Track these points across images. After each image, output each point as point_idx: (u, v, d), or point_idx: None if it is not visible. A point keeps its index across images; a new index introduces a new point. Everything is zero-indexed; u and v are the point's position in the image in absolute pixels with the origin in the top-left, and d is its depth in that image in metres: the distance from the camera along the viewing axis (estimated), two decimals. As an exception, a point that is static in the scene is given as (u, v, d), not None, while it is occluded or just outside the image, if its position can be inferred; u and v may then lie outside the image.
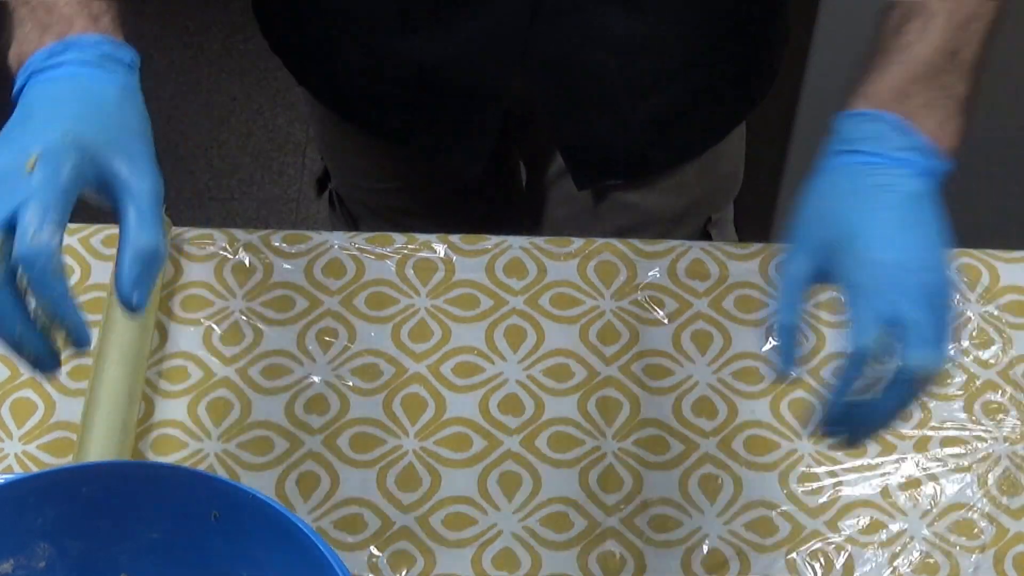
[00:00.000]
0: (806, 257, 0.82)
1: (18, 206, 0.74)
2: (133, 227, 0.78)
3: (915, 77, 0.84)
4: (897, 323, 0.77)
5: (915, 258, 0.80)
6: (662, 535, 0.96)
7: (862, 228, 0.81)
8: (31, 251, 0.73)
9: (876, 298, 0.78)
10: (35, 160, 0.75)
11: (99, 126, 0.78)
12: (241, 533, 0.82)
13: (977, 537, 0.96)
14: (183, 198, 2.41)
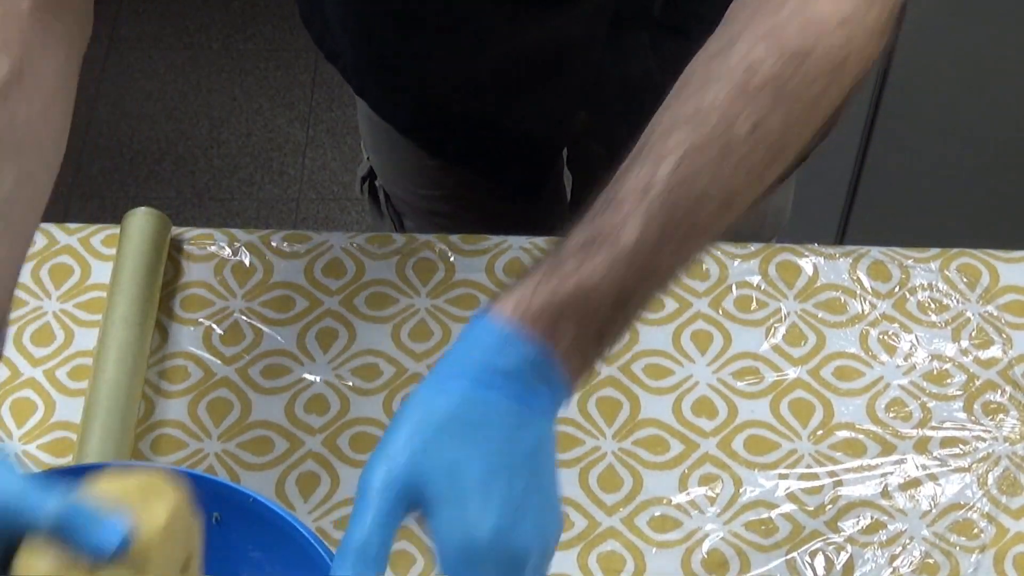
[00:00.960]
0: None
1: None
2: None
3: (567, 304, 0.70)
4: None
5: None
6: (662, 535, 0.96)
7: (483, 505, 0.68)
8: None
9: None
10: None
11: None
12: (241, 535, 0.82)
13: (977, 537, 0.96)
14: (183, 198, 2.41)
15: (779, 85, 0.74)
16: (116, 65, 2.62)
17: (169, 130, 2.52)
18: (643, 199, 0.71)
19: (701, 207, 0.73)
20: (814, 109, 0.76)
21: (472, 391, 0.69)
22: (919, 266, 1.10)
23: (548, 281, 0.70)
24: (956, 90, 1.78)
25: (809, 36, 0.76)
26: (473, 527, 0.68)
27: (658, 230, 0.71)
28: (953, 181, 1.88)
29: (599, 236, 0.71)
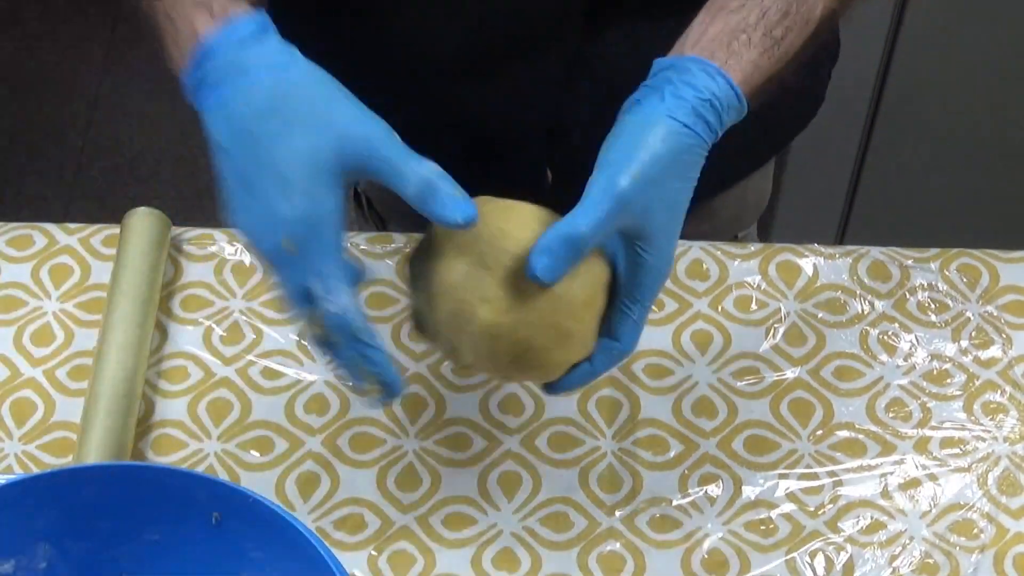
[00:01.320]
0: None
1: (303, 281, 0.78)
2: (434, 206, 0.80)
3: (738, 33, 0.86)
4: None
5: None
6: (662, 535, 0.96)
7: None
8: (334, 321, 0.79)
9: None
10: (289, 243, 0.78)
11: (328, 135, 0.78)
12: (241, 535, 0.83)
13: (977, 537, 0.96)
14: (183, 198, 2.41)
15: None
16: (116, 65, 2.62)
17: (169, 130, 2.52)
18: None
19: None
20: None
21: (699, 138, 0.82)
22: (919, 266, 1.10)
23: (767, 53, 0.85)
24: (956, 90, 1.78)
25: None
26: (671, 257, 0.84)
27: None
28: (953, 181, 1.88)
29: (797, 3, 0.87)
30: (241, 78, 0.79)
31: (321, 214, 0.78)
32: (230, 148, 0.79)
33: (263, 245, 0.79)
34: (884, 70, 1.76)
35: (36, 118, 2.53)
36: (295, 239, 0.78)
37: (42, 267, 1.10)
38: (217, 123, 0.80)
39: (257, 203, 0.79)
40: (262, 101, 0.78)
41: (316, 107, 0.79)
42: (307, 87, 0.79)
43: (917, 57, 1.74)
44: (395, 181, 0.79)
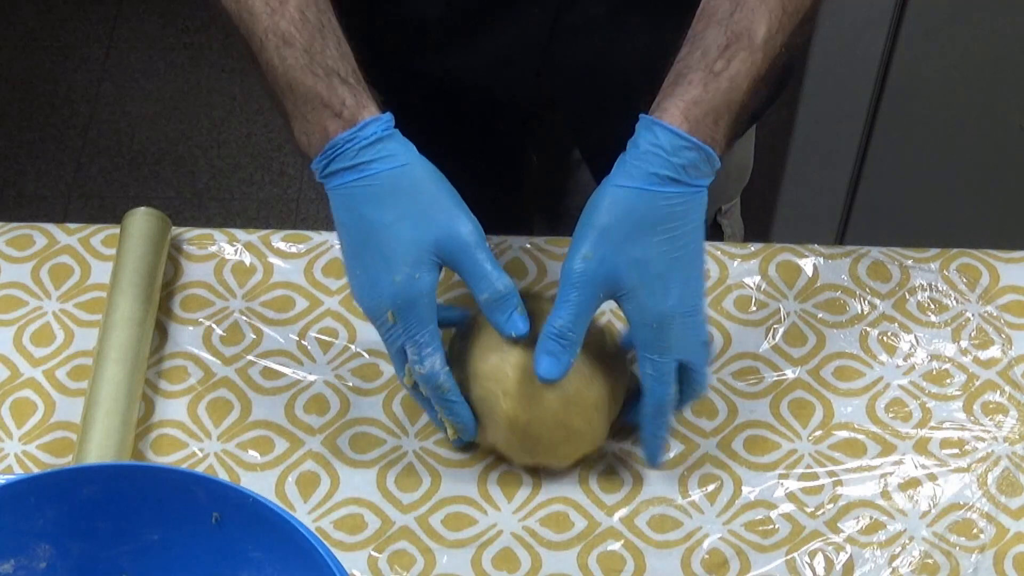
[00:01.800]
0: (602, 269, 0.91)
1: (401, 345, 0.93)
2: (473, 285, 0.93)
3: (728, 104, 0.90)
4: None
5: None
6: (662, 535, 0.96)
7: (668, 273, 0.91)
8: (421, 379, 0.94)
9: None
10: (392, 315, 0.92)
11: (421, 225, 0.91)
12: (241, 535, 0.83)
13: (977, 537, 0.96)
14: (183, 198, 2.41)
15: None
16: (116, 65, 2.62)
17: (169, 130, 2.52)
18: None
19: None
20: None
21: (651, 192, 0.89)
22: (919, 266, 1.10)
23: (707, 85, 0.89)
24: (956, 90, 1.78)
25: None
26: (661, 304, 0.90)
27: (776, 22, 0.90)
28: (953, 181, 1.88)
29: (737, 35, 0.90)
30: (365, 169, 0.91)
31: (417, 292, 0.91)
32: (349, 227, 0.92)
33: (371, 313, 0.93)
34: (884, 70, 1.76)
35: (36, 118, 2.53)
36: (396, 311, 0.91)
37: (42, 267, 1.10)
38: (339, 204, 0.92)
39: (367, 277, 0.92)
40: (380, 192, 0.91)
41: (423, 202, 0.91)
42: (419, 183, 0.92)
43: (917, 57, 1.74)
44: (475, 283, 0.92)
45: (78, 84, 2.58)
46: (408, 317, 0.92)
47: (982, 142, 1.83)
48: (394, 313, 0.92)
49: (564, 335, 0.91)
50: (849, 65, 1.74)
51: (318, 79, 0.91)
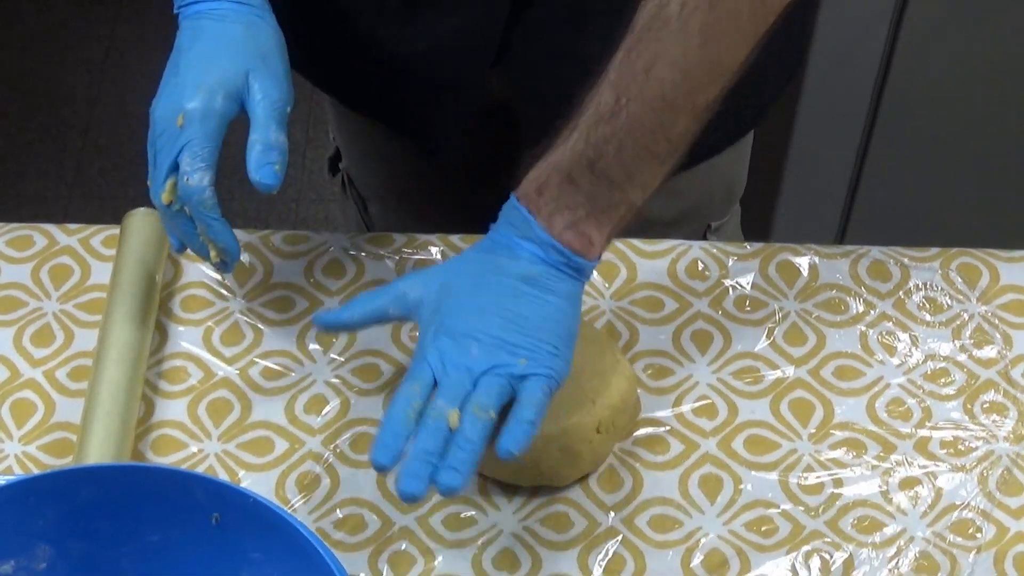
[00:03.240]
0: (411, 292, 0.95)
1: (177, 154, 0.95)
2: (260, 126, 0.98)
3: (548, 178, 0.92)
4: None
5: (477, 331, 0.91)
6: (662, 535, 0.96)
7: (454, 294, 0.93)
8: (187, 191, 0.95)
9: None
10: (183, 118, 0.95)
11: (237, 62, 0.98)
12: (241, 535, 0.83)
13: (976, 536, 0.96)
14: (183, 198, 2.41)
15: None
16: (115, 66, 2.62)
17: (169, 131, 2.52)
18: (602, 79, 0.91)
19: (652, 71, 0.90)
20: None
21: (469, 254, 0.95)
22: (919, 266, 1.10)
23: (537, 164, 0.93)
24: (956, 90, 1.78)
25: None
26: (447, 317, 0.92)
27: (613, 96, 0.90)
28: (953, 181, 1.88)
29: (573, 116, 0.92)
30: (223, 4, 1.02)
31: (216, 109, 0.96)
32: (185, 45, 1.02)
33: (163, 115, 0.96)
34: (884, 70, 1.76)
35: (36, 118, 2.53)
36: (188, 116, 0.95)
37: (42, 268, 1.10)
38: (187, 26, 1.03)
39: (177, 81, 0.97)
40: (230, 26, 1.01)
41: (260, 47, 1.00)
42: (266, 34, 1.00)
43: (917, 57, 1.73)
44: (257, 125, 0.98)
45: (78, 85, 2.58)
46: (197, 127, 0.95)
47: (982, 142, 1.83)
48: (185, 117, 0.95)
49: (349, 314, 0.97)
50: (849, 65, 1.74)
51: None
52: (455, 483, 0.86)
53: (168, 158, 0.95)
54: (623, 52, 0.91)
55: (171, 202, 0.96)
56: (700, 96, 0.91)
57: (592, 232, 0.92)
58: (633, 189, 0.92)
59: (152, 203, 0.98)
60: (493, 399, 0.88)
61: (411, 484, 0.86)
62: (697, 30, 0.90)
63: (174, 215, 0.96)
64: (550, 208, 0.91)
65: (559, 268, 0.92)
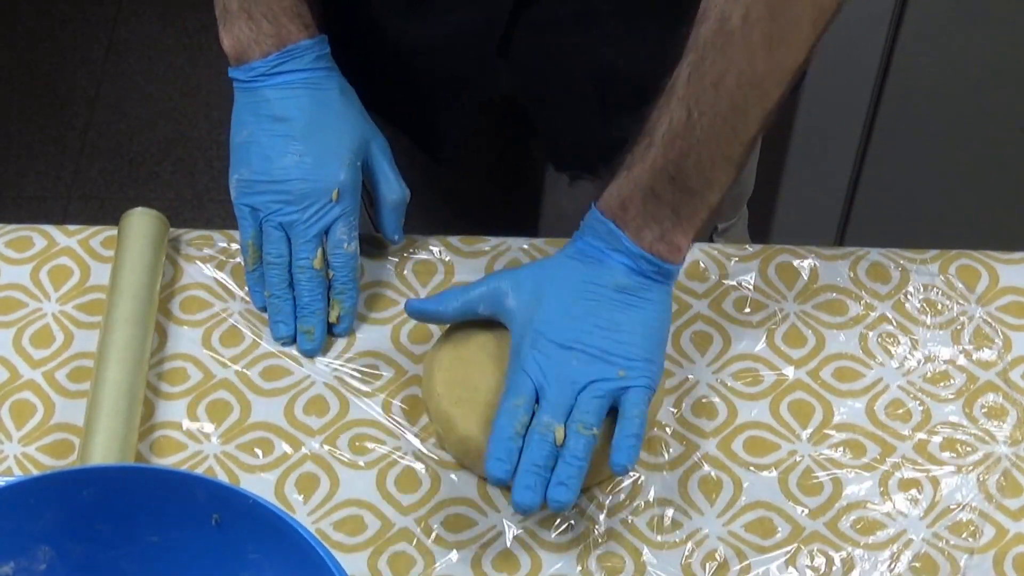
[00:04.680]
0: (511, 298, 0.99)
1: (331, 224, 1.05)
2: (384, 186, 1.09)
3: (632, 194, 0.96)
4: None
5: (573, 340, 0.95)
6: (662, 536, 0.96)
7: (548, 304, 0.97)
8: (344, 257, 1.05)
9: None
10: (337, 193, 1.04)
11: (356, 128, 1.07)
12: (240, 536, 0.83)
13: (976, 538, 0.96)
14: (183, 199, 2.41)
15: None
16: (115, 66, 2.62)
17: (168, 131, 2.52)
18: (669, 96, 0.95)
19: (721, 84, 0.93)
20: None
21: (559, 259, 0.99)
22: (918, 267, 1.10)
23: (617, 178, 0.97)
24: (956, 90, 1.78)
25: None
26: (543, 325, 0.96)
27: (685, 111, 0.94)
28: (953, 182, 1.88)
29: (644, 133, 0.96)
30: (315, 73, 1.07)
31: (357, 177, 1.06)
32: (295, 118, 1.05)
33: (314, 190, 1.04)
34: (884, 70, 1.76)
35: (35, 119, 2.53)
36: (342, 190, 1.04)
37: (41, 269, 1.10)
38: (284, 96, 1.06)
39: (314, 159, 1.04)
40: (327, 93, 1.07)
41: (354, 110, 1.08)
42: (349, 94, 1.09)
43: (917, 57, 1.74)
44: (386, 183, 1.09)
45: (78, 85, 2.58)
46: (349, 199, 1.04)
47: (982, 143, 1.83)
48: (340, 192, 1.04)
49: (444, 301, 1.02)
50: (849, 65, 1.74)
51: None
52: (567, 498, 0.91)
53: (317, 227, 1.04)
54: (689, 68, 0.94)
55: (321, 267, 1.04)
56: (768, 100, 0.95)
57: (680, 240, 0.96)
58: (712, 193, 0.96)
59: (245, 255, 1.07)
60: (595, 417, 0.93)
61: (526, 496, 0.91)
62: (761, 40, 0.93)
63: (313, 284, 1.04)
64: (638, 223, 0.96)
65: (650, 277, 0.97)
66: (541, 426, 0.93)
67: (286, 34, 1.05)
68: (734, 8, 0.92)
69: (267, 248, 1.05)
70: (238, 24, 1.05)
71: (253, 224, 1.06)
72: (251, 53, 1.05)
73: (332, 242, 1.04)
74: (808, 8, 0.93)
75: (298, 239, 1.04)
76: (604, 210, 0.97)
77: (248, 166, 1.06)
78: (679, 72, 0.95)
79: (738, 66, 0.93)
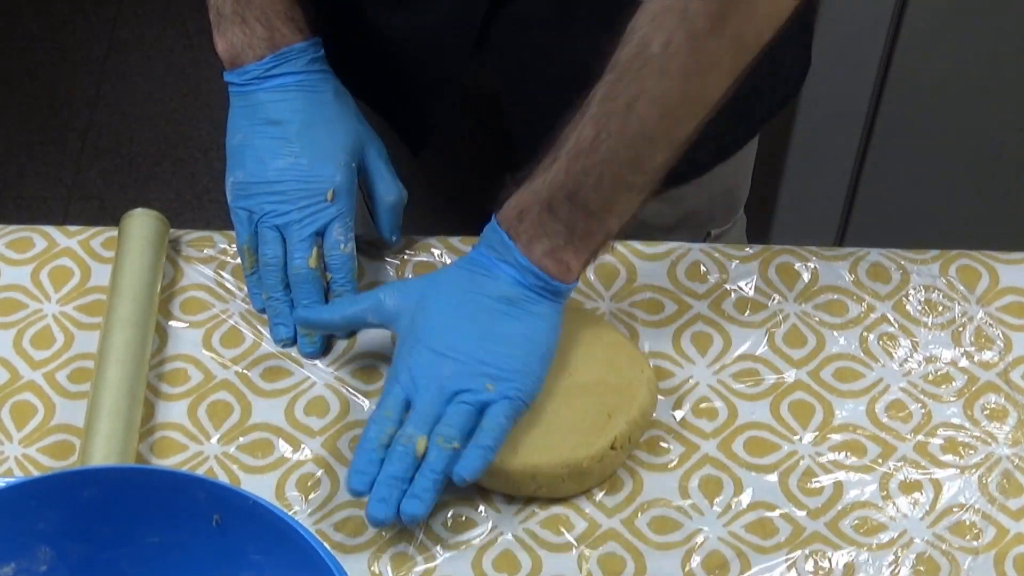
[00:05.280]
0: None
1: (326, 224, 1.04)
2: (380, 187, 1.09)
3: (529, 206, 0.95)
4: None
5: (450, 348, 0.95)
6: (662, 537, 0.96)
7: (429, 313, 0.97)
8: (341, 258, 1.05)
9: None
10: (332, 193, 1.04)
11: (350, 130, 1.07)
12: (241, 537, 0.83)
13: (977, 538, 0.96)
14: (183, 200, 2.41)
15: (682, 8, 0.91)
16: (116, 67, 2.62)
17: (169, 132, 2.52)
18: (582, 114, 0.94)
19: (632, 108, 0.92)
20: (719, 22, 0.91)
21: (450, 269, 0.99)
22: (918, 268, 1.10)
23: (520, 189, 0.96)
24: (956, 91, 1.78)
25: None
26: (422, 332, 0.96)
27: (593, 130, 0.93)
28: (953, 183, 1.88)
29: (553, 147, 0.95)
30: (310, 75, 1.08)
31: (353, 178, 1.06)
32: (288, 120, 1.06)
33: (308, 190, 1.04)
34: (884, 70, 1.76)
35: (36, 120, 2.53)
36: (337, 191, 1.04)
37: (42, 270, 1.10)
38: (276, 99, 1.07)
39: (308, 160, 1.04)
40: (322, 95, 1.07)
41: (349, 111, 1.08)
42: (344, 97, 1.09)
43: (917, 57, 1.74)
44: (384, 185, 1.09)
45: (78, 86, 2.58)
46: (344, 200, 1.04)
47: (982, 143, 1.83)
48: (335, 192, 1.04)
49: (327, 317, 1.03)
50: (849, 65, 1.74)
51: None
52: (418, 511, 0.91)
53: (312, 228, 1.04)
54: (605, 87, 0.93)
55: (316, 267, 1.04)
56: (679, 130, 0.94)
57: (570, 259, 0.96)
58: (610, 218, 0.95)
59: (243, 258, 1.07)
60: (457, 430, 0.93)
61: (379, 509, 0.91)
62: (677, 71, 0.92)
63: (310, 285, 1.04)
64: (530, 235, 0.95)
65: (536, 291, 0.96)
66: (404, 438, 0.93)
67: (280, 37, 1.06)
68: (656, 34, 0.91)
69: (262, 250, 1.05)
70: (232, 28, 1.06)
71: (249, 227, 1.06)
72: (245, 57, 1.06)
73: (329, 243, 1.04)
74: (729, 45, 0.92)
75: (293, 239, 1.04)
76: (501, 219, 0.97)
77: (243, 169, 1.06)
78: (595, 90, 0.94)
79: (651, 92, 0.92)
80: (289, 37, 1.06)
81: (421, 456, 0.92)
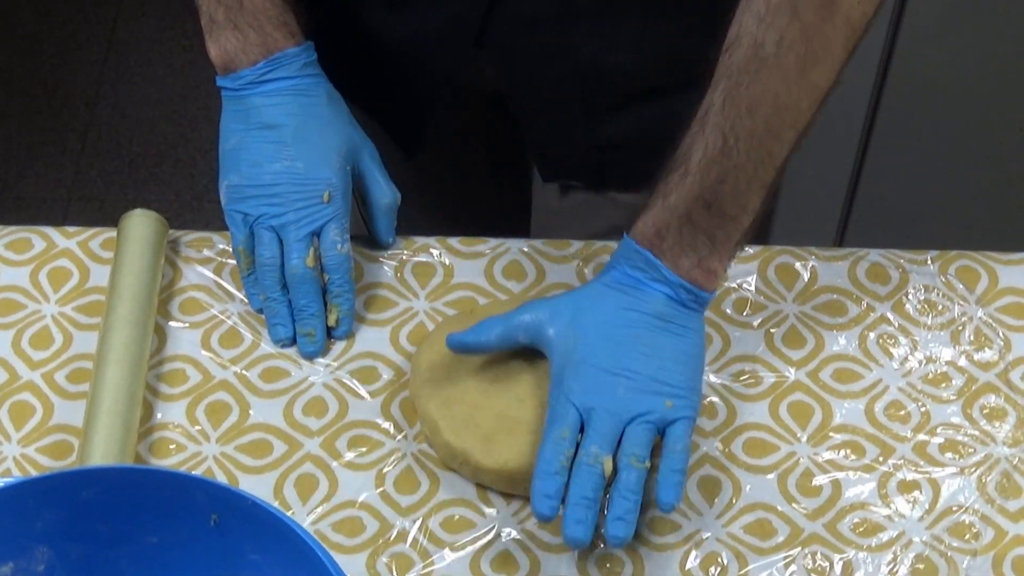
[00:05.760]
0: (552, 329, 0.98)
1: (322, 225, 1.05)
2: (375, 190, 1.10)
3: (667, 223, 0.96)
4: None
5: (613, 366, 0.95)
6: (661, 537, 0.96)
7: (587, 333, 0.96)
8: (337, 259, 1.05)
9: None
10: (328, 194, 1.05)
11: (343, 133, 1.08)
12: (240, 537, 0.83)
13: (976, 539, 0.96)
14: (182, 201, 2.41)
15: (792, 4, 0.92)
16: (115, 68, 2.62)
17: (168, 133, 2.52)
18: (701, 125, 0.95)
19: (756, 109, 0.94)
20: (828, 10, 0.93)
21: (596, 287, 0.98)
22: (918, 268, 1.10)
23: (652, 206, 0.97)
24: (956, 91, 1.78)
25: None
26: (585, 352, 0.95)
27: (721, 138, 0.94)
28: (952, 183, 1.88)
29: (678, 160, 0.96)
30: (304, 80, 1.08)
31: (348, 180, 1.07)
32: (284, 123, 1.07)
33: (305, 190, 1.05)
34: (884, 70, 1.76)
35: (35, 121, 2.53)
36: (333, 192, 1.05)
37: (41, 270, 1.10)
38: (272, 103, 1.07)
39: (305, 162, 1.05)
40: (316, 99, 1.08)
41: (343, 115, 1.09)
42: (338, 100, 1.10)
43: (917, 57, 1.73)
44: (377, 188, 1.10)
45: (77, 87, 2.58)
46: (340, 202, 1.05)
47: (982, 143, 1.83)
48: (331, 194, 1.05)
49: (483, 331, 1.00)
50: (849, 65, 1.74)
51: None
52: (625, 533, 0.91)
53: (309, 228, 1.04)
54: (723, 95, 0.94)
55: (314, 266, 1.04)
56: (802, 122, 0.96)
57: (716, 266, 0.97)
58: (746, 217, 0.97)
59: (239, 260, 1.07)
60: (646, 449, 0.93)
61: (579, 531, 0.90)
62: (795, 64, 0.94)
63: (307, 286, 1.04)
64: (675, 251, 0.96)
65: (688, 305, 0.97)
66: (589, 457, 0.92)
67: (272, 43, 1.06)
68: (768, 33, 0.93)
69: (259, 250, 1.05)
70: (224, 34, 1.06)
71: (244, 229, 1.06)
72: (239, 62, 1.07)
73: (325, 244, 1.04)
74: (840, 29, 0.94)
75: (289, 239, 1.04)
76: (639, 239, 0.97)
77: (238, 172, 1.06)
78: (711, 99, 0.95)
79: (773, 91, 0.94)
80: (282, 42, 1.06)
81: (607, 475, 0.92)
